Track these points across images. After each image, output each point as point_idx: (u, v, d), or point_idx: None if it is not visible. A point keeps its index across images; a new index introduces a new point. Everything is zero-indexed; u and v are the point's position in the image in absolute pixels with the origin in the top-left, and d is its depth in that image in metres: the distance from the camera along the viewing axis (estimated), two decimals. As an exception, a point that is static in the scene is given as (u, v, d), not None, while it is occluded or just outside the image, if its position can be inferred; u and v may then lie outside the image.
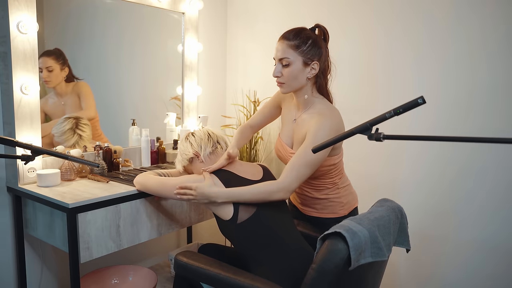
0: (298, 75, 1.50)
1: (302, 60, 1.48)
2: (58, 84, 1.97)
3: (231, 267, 1.37)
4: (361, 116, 1.74)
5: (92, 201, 1.54)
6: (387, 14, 2.07)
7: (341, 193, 1.63)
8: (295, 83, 1.52)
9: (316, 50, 1.49)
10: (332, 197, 1.62)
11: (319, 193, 1.63)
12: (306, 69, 1.50)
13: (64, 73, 1.96)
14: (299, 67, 1.49)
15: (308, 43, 1.48)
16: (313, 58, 1.49)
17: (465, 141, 0.95)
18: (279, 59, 1.50)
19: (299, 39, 1.48)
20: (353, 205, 1.68)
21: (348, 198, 1.66)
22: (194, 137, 1.61)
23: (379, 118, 1.05)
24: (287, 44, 1.48)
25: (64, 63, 1.94)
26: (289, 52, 1.48)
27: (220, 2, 2.72)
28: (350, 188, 1.69)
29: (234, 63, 2.78)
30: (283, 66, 1.49)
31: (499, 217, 1.85)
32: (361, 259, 1.16)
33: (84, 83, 2.06)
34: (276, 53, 1.51)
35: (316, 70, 1.51)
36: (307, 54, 1.48)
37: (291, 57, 1.47)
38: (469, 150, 1.89)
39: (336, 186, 1.62)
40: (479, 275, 1.91)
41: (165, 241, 2.54)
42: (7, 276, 1.81)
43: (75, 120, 2.01)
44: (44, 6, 1.85)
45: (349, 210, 1.65)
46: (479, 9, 1.81)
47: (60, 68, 1.93)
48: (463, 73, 1.88)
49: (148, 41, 2.34)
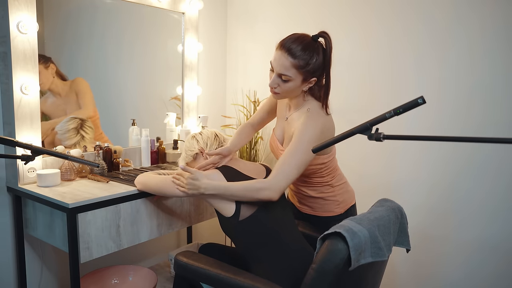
0: (295, 90, 1.47)
1: (302, 78, 1.44)
2: (51, 83, 1.95)
3: (231, 267, 1.37)
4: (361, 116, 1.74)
5: (92, 201, 1.54)
6: (387, 14, 2.07)
7: (336, 192, 1.63)
8: (290, 95, 1.51)
9: (317, 68, 1.44)
10: (326, 195, 1.62)
11: (313, 192, 1.63)
12: (304, 84, 1.47)
13: (51, 70, 1.93)
14: (297, 84, 1.45)
15: (312, 63, 1.41)
16: (314, 75, 1.45)
17: (465, 141, 0.95)
18: (279, 74, 1.43)
19: (304, 59, 1.40)
20: (349, 203, 1.67)
21: (344, 197, 1.65)
22: (201, 135, 1.66)
23: (379, 118, 1.05)
24: (291, 62, 1.39)
25: (46, 61, 1.90)
26: (291, 71, 1.41)
27: (220, 2, 2.72)
28: (346, 186, 1.68)
29: (234, 63, 2.78)
30: (282, 80, 1.44)
31: (499, 217, 1.85)
32: (361, 259, 1.16)
33: (81, 79, 2.05)
34: (276, 67, 1.43)
35: (312, 84, 1.48)
36: (308, 72, 1.42)
37: (292, 75, 1.42)
38: (469, 150, 1.89)
39: (329, 185, 1.62)
40: (479, 275, 1.91)
41: (165, 241, 2.54)
42: (7, 276, 1.81)
43: (80, 121, 2.03)
44: (44, 6, 1.85)
45: (345, 208, 1.65)
46: (479, 8, 1.81)
47: (44, 67, 1.89)
48: (463, 73, 1.88)
49: (148, 41, 2.34)
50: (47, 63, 1.91)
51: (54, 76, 1.95)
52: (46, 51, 1.89)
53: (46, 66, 1.90)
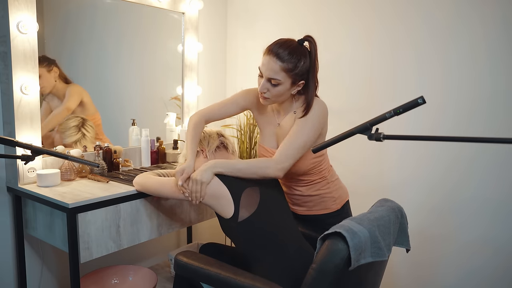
0: (284, 93, 1.51)
1: (291, 81, 1.48)
2: (53, 87, 1.94)
3: (231, 267, 1.37)
4: (361, 116, 1.74)
5: (92, 201, 1.54)
6: (388, 13, 2.07)
7: (332, 188, 1.66)
8: (279, 99, 1.54)
9: (305, 71, 1.49)
10: (323, 192, 1.64)
11: (310, 190, 1.64)
12: (293, 87, 1.51)
13: (54, 73, 1.92)
14: (287, 87, 1.49)
15: (300, 66, 1.46)
16: (302, 78, 1.50)
17: (466, 141, 0.95)
18: (268, 78, 1.47)
19: (293, 62, 1.45)
20: (344, 199, 1.70)
21: (339, 192, 1.68)
22: (203, 133, 1.66)
23: (379, 118, 1.05)
24: (280, 66, 1.44)
25: (49, 64, 1.90)
26: (280, 74, 1.45)
27: (220, 2, 2.72)
28: (339, 182, 1.72)
29: (234, 63, 2.78)
30: (271, 84, 1.48)
31: (500, 218, 1.85)
32: (361, 259, 1.16)
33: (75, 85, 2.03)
34: (266, 71, 1.47)
35: (300, 87, 1.53)
36: (296, 75, 1.47)
37: (282, 79, 1.46)
38: (470, 150, 1.89)
39: (326, 181, 1.65)
40: (479, 276, 1.91)
41: (165, 241, 2.54)
42: (7, 276, 1.81)
43: (81, 120, 2.04)
44: (44, 6, 1.85)
45: (341, 204, 1.68)
46: (480, 8, 1.81)
47: (47, 70, 1.89)
48: (465, 73, 1.88)
49: (148, 41, 2.34)
50: (50, 66, 1.91)
51: (56, 80, 1.94)
52: (47, 52, 1.89)
53: (49, 70, 1.90)
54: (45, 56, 1.88)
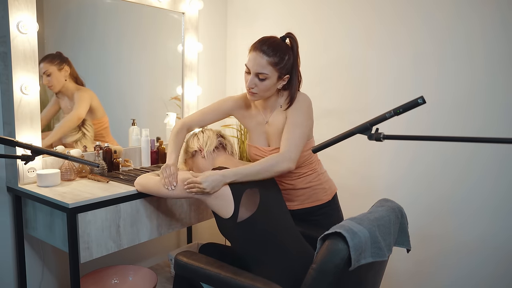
0: (271, 87, 1.56)
1: (278, 75, 1.54)
2: (62, 86, 1.94)
3: (231, 267, 1.37)
4: (361, 116, 1.74)
5: (92, 201, 1.54)
6: (388, 12, 2.07)
7: (322, 179, 1.72)
8: (266, 94, 1.59)
9: (290, 65, 1.56)
10: (314, 184, 1.70)
11: (302, 183, 1.68)
12: (279, 81, 1.57)
13: (65, 72, 1.93)
14: (273, 82, 1.55)
15: (285, 60, 1.53)
16: (287, 72, 1.57)
17: (465, 141, 0.95)
18: (256, 73, 1.52)
19: (278, 56, 1.51)
20: (334, 190, 1.77)
21: (329, 184, 1.75)
22: (203, 133, 1.69)
23: (379, 118, 1.06)
24: (267, 60, 1.50)
25: (61, 62, 1.91)
26: (268, 68, 1.51)
27: (220, 2, 2.72)
28: (327, 175, 1.79)
29: (234, 63, 2.78)
30: (259, 79, 1.53)
31: (500, 218, 1.85)
32: (362, 259, 1.16)
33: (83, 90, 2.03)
34: (253, 66, 1.52)
35: (285, 82, 1.59)
36: (282, 69, 1.53)
37: (269, 73, 1.52)
38: (469, 150, 1.89)
39: (316, 173, 1.70)
40: (479, 275, 1.91)
41: (165, 241, 2.54)
42: (7, 276, 1.81)
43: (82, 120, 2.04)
44: (44, 6, 1.85)
45: (331, 195, 1.74)
46: (479, 8, 1.81)
47: (58, 69, 1.90)
48: (464, 73, 1.88)
49: (148, 41, 2.34)
50: (62, 64, 1.91)
51: (66, 79, 1.94)
52: (47, 52, 1.89)
53: (60, 68, 1.90)
54: (59, 52, 1.89)
